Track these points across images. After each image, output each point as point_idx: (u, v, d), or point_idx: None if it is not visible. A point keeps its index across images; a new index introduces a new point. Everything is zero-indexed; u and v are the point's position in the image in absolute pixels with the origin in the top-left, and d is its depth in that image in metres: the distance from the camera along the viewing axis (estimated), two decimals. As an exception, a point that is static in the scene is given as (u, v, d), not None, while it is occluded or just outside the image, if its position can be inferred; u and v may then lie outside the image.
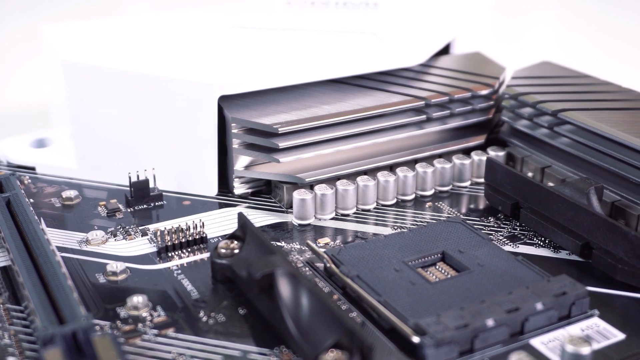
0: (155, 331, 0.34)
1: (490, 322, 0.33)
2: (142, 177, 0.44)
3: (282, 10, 0.55)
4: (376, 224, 0.43)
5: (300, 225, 0.43)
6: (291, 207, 0.44)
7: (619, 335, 0.34)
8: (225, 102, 0.45)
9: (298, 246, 0.41)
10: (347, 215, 0.44)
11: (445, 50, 0.56)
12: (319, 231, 0.42)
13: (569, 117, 0.45)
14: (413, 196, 0.46)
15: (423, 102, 0.47)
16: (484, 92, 0.49)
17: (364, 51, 0.49)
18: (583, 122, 0.44)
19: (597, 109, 0.45)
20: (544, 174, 0.46)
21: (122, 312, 0.35)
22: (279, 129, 0.43)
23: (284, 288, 0.33)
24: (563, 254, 0.40)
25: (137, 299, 0.35)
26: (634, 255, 0.36)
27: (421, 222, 0.43)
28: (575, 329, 0.34)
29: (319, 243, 0.41)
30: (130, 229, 0.42)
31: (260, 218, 0.44)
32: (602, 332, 0.34)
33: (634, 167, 0.42)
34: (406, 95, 0.47)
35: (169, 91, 0.44)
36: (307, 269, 0.39)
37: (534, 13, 0.88)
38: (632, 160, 0.41)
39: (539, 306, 0.34)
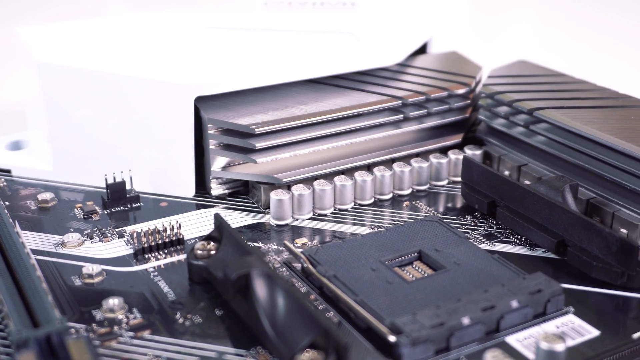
0: (131, 333, 0.34)
1: (466, 321, 0.33)
2: (118, 179, 0.44)
3: (259, 10, 0.54)
4: (354, 224, 0.43)
5: (277, 225, 0.43)
6: (269, 207, 0.44)
7: (594, 332, 0.34)
8: (201, 103, 0.45)
9: (275, 247, 0.41)
10: (325, 215, 0.44)
11: (422, 50, 0.56)
12: (297, 231, 0.42)
13: (545, 115, 0.45)
14: (390, 195, 0.46)
15: (400, 102, 0.47)
16: (461, 91, 0.49)
17: (341, 51, 0.49)
18: (558, 121, 0.44)
19: (572, 107, 0.45)
20: (521, 173, 0.46)
21: (98, 315, 0.35)
22: (256, 130, 0.43)
23: (260, 289, 0.33)
24: (539, 252, 0.40)
25: (113, 302, 0.35)
26: (608, 252, 0.37)
27: (399, 221, 0.44)
28: (551, 326, 0.34)
29: (296, 243, 0.41)
30: (106, 231, 0.42)
31: (237, 219, 0.44)
32: (576, 328, 0.34)
33: (608, 164, 0.42)
34: (383, 95, 0.47)
35: (145, 92, 0.44)
36: (284, 269, 0.39)
37: (512, 12, 0.88)
38: (606, 158, 0.42)
39: (515, 304, 0.34)
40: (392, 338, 0.32)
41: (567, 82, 0.49)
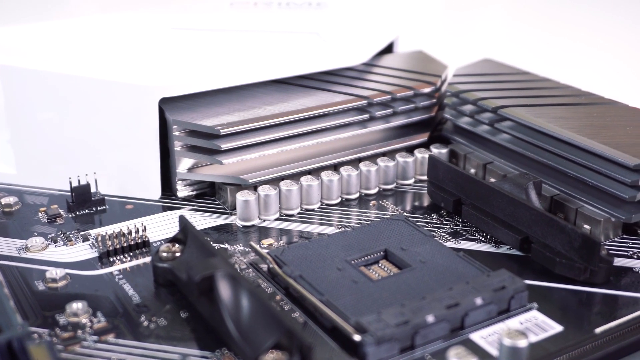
0: (95, 337, 0.33)
1: (430, 318, 0.33)
2: (83, 182, 0.44)
3: (225, 11, 0.54)
4: (321, 224, 0.43)
5: (244, 226, 0.43)
6: (235, 208, 0.43)
7: (557, 328, 0.34)
8: (166, 104, 0.44)
9: (242, 248, 0.41)
10: (292, 215, 0.44)
11: (388, 49, 0.56)
12: (264, 232, 0.42)
13: (509, 113, 0.45)
14: (357, 195, 0.46)
15: (366, 101, 0.47)
16: (427, 90, 0.49)
17: (306, 51, 0.49)
18: (522, 118, 0.44)
19: (535, 105, 0.46)
20: (486, 170, 0.46)
21: (62, 319, 0.34)
22: (221, 131, 0.43)
23: (224, 290, 0.33)
24: (504, 249, 0.41)
25: (77, 306, 0.35)
26: (571, 248, 0.37)
27: (366, 220, 0.44)
28: (515, 323, 0.34)
29: (262, 244, 0.41)
30: (71, 235, 0.41)
31: (204, 220, 0.43)
32: (540, 324, 0.34)
33: (571, 161, 0.42)
34: (349, 95, 0.47)
35: (109, 94, 0.44)
36: (250, 270, 0.38)
37: (480, 9, 0.89)
38: (569, 155, 0.42)
39: (479, 301, 0.34)
40: (356, 337, 0.32)
41: (531, 80, 0.50)
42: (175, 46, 0.49)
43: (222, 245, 0.41)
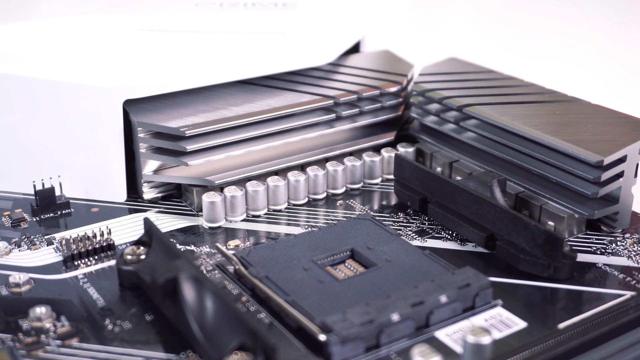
0: (58, 342, 0.33)
1: (395, 317, 0.33)
2: (47, 185, 0.43)
3: (190, 12, 0.54)
4: (288, 224, 0.43)
5: (210, 228, 0.43)
6: (202, 210, 0.43)
7: (521, 324, 0.34)
8: (130, 106, 0.44)
9: (208, 249, 0.40)
10: (258, 216, 0.44)
11: (355, 49, 0.56)
12: (230, 233, 0.42)
13: (474, 112, 0.46)
14: (324, 195, 0.46)
15: (332, 101, 0.47)
16: (393, 89, 0.49)
17: (272, 51, 0.49)
18: (486, 117, 0.45)
19: (500, 103, 0.46)
20: (452, 169, 0.47)
21: (25, 324, 0.34)
22: (186, 132, 0.43)
23: (188, 292, 0.33)
24: (469, 247, 0.41)
25: (40, 310, 0.34)
26: (534, 245, 0.37)
27: (333, 220, 0.44)
28: (479, 320, 0.35)
29: (229, 245, 0.41)
30: (35, 239, 0.41)
31: (170, 222, 0.43)
32: (504, 321, 0.35)
33: (535, 159, 0.43)
34: (315, 95, 0.47)
35: (72, 96, 0.44)
36: (216, 271, 0.38)
37: (445, 8, 0.89)
38: (533, 153, 0.42)
39: (443, 299, 0.34)
40: (322, 337, 0.32)
41: (496, 78, 0.50)
42: (140, 48, 0.48)
43: (188, 247, 0.41)
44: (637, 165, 0.41)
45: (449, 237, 0.42)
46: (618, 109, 0.45)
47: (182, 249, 0.40)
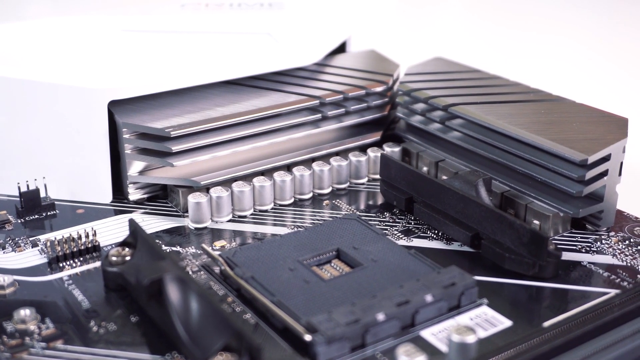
0: (43, 344, 0.33)
1: (380, 317, 0.33)
2: (32, 187, 0.43)
3: (176, 12, 0.54)
4: (274, 224, 0.43)
5: (196, 229, 0.42)
6: (188, 211, 0.43)
7: (506, 322, 0.34)
8: (115, 107, 0.44)
9: (194, 250, 0.40)
10: (245, 217, 0.44)
11: (341, 49, 0.56)
12: (216, 234, 0.42)
13: (459, 111, 0.46)
14: (310, 195, 0.46)
15: (318, 101, 0.47)
16: (379, 89, 0.49)
17: (258, 52, 0.49)
18: (472, 116, 0.45)
19: (485, 103, 0.46)
20: (438, 168, 0.47)
21: (9, 327, 0.34)
22: (172, 133, 0.43)
23: (173, 293, 0.32)
24: (455, 246, 0.41)
25: (25, 312, 0.34)
26: (520, 243, 0.37)
27: (319, 220, 0.44)
28: (465, 319, 0.35)
29: (215, 246, 0.41)
30: (20, 241, 0.41)
31: (156, 223, 0.43)
32: (490, 320, 0.35)
33: (520, 158, 0.43)
34: (301, 95, 0.47)
35: (57, 98, 0.43)
36: (202, 272, 0.38)
37: (430, 8, 0.90)
38: (518, 152, 0.43)
39: (429, 298, 0.34)
40: (307, 337, 0.32)
41: (482, 77, 0.50)
42: (125, 48, 0.48)
43: (174, 248, 0.41)
44: (621, 163, 0.41)
45: (434, 236, 0.42)
46: (602, 107, 0.45)
47: (168, 250, 0.40)
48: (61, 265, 0.39)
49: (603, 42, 0.79)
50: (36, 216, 0.43)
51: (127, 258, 0.37)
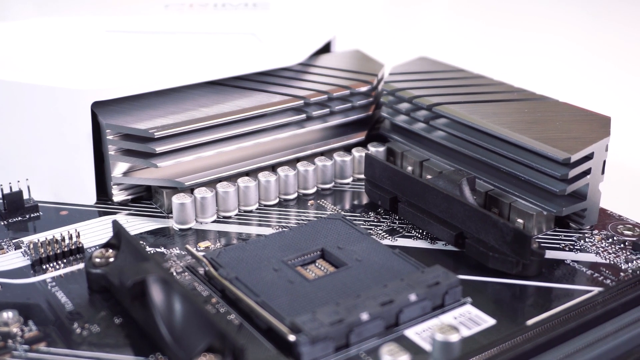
0: (25, 347, 0.33)
1: (364, 316, 0.33)
2: (15, 189, 0.43)
3: (160, 13, 0.54)
4: (259, 225, 0.43)
5: (181, 229, 0.42)
6: (172, 212, 0.43)
7: (490, 321, 0.35)
8: (99, 108, 0.44)
9: (178, 251, 0.40)
10: (229, 217, 0.44)
11: (325, 49, 0.56)
12: (201, 235, 0.42)
13: (443, 110, 0.46)
14: (295, 195, 0.46)
15: (303, 102, 0.47)
16: (363, 89, 0.49)
17: (242, 52, 0.49)
18: (456, 115, 0.45)
19: (469, 102, 0.46)
20: (423, 168, 0.47)
21: (-8, 330, 0.34)
22: (155, 134, 0.43)
23: (157, 294, 0.32)
24: (439, 245, 0.41)
25: (7, 315, 0.34)
26: (503, 242, 0.37)
27: (304, 220, 0.44)
28: (449, 318, 0.35)
29: (199, 247, 0.41)
30: (3, 243, 0.41)
31: (140, 225, 0.43)
32: (473, 318, 0.35)
33: (504, 157, 0.43)
34: (286, 95, 0.47)
35: (40, 99, 0.43)
36: (186, 273, 0.38)
37: (414, 8, 0.90)
38: (502, 151, 0.43)
39: (413, 297, 0.34)
40: (291, 337, 0.32)
41: (466, 77, 0.50)
42: (109, 49, 0.48)
43: (158, 250, 0.40)
44: (604, 162, 0.41)
45: (419, 235, 0.42)
46: (585, 106, 0.45)
47: (152, 251, 0.40)
48: (44, 267, 0.39)
49: (587, 42, 0.80)
50: (19, 218, 0.43)
51: (111, 260, 0.37)
